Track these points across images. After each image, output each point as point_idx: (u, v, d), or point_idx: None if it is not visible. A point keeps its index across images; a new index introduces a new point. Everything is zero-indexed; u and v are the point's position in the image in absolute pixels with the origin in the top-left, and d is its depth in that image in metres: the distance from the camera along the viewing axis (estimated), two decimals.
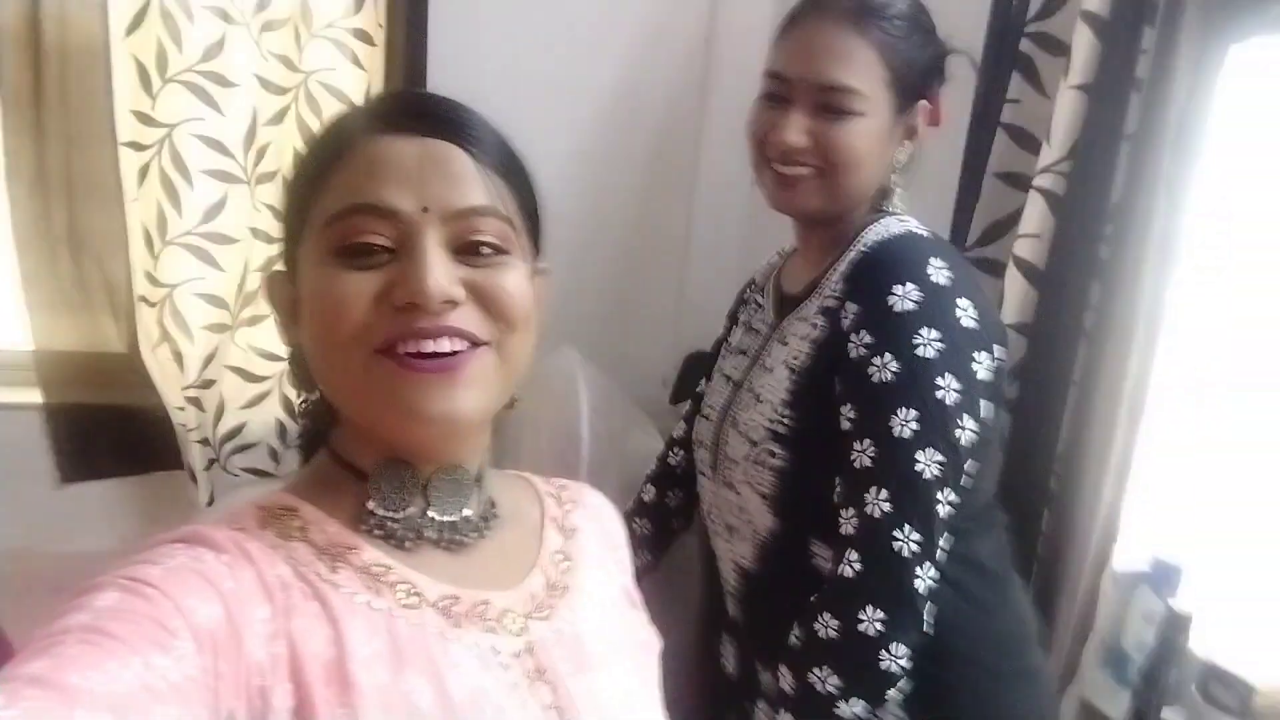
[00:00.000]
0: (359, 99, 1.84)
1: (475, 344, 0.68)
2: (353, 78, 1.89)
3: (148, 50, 1.78)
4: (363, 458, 0.73)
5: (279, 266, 0.75)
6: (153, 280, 1.84)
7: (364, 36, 1.89)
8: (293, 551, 0.68)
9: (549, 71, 2.02)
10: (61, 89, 1.82)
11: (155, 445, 1.91)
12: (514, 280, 0.70)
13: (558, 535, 0.83)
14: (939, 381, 1.08)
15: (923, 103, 1.23)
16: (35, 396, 1.88)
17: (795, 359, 1.22)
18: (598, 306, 2.12)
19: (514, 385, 0.73)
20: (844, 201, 1.23)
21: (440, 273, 0.66)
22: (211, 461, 1.95)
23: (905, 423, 1.07)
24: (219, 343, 1.90)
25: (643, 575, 0.99)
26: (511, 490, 0.84)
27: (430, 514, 0.73)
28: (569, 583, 0.79)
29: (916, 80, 1.21)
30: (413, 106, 0.72)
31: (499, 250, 0.69)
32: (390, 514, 0.72)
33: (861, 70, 1.17)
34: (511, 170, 0.73)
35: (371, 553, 0.70)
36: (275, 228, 1.84)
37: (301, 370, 0.75)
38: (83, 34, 1.80)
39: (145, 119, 1.79)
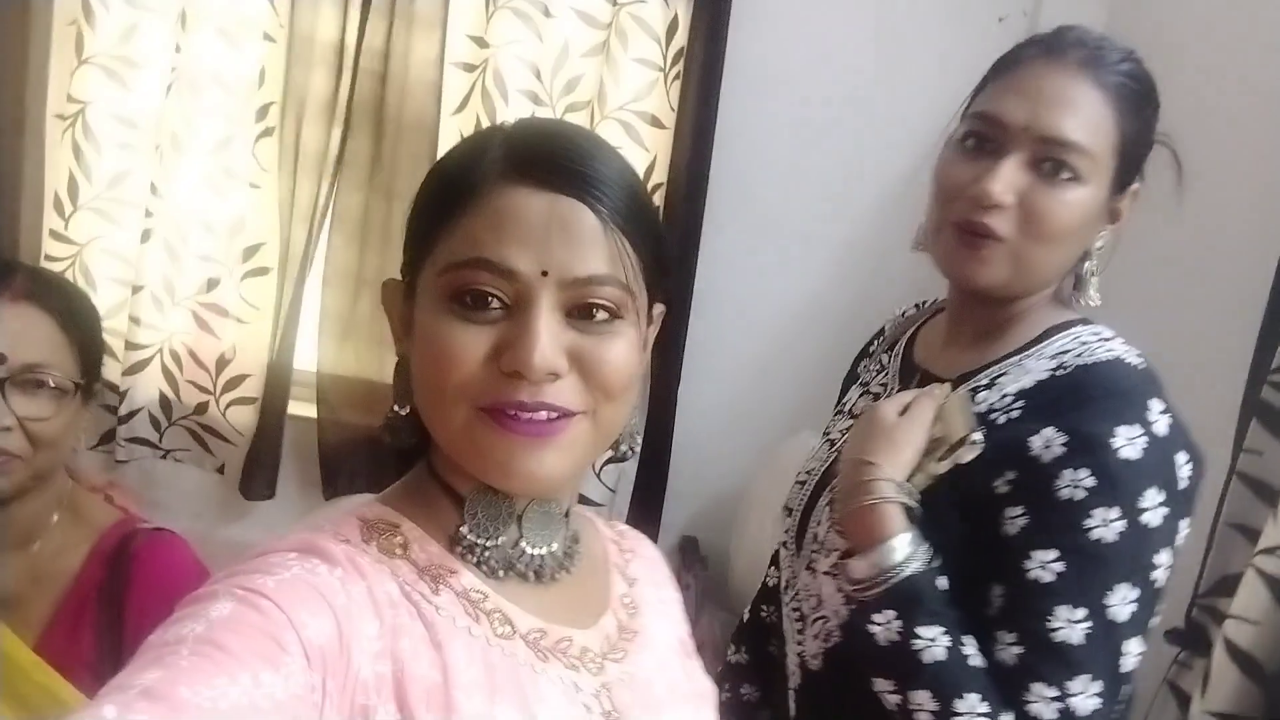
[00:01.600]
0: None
1: (568, 415, 0.69)
2: (636, 158, 2.06)
3: (469, 126, 2.06)
4: (460, 482, 0.74)
5: (396, 276, 0.76)
6: None
7: (654, 120, 2.08)
8: (397, 569, 0.69)
9: (831, 159, 2.09)
10: (394, 154, 2.10)
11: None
12: (619, 351, 0.70)
13: (622, 581, 0.85)
14: (1157, 560, 0.94)
15: (1137, 185, 1.06)
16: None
17: None
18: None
19: (610, 442, 0.75)
20: (1032, 280, 1.05)
21: (548, 347, 0.66)
22: None
23: (1125, 603, 0.93)
24: None
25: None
26: (585, 529, 0.84)
27: (522, 545, 0.75)
28: (636, 627, 0.81)
29: (1141, 155, 1.05)
30: (545, 155, 0.70)
31: (613, 316, 0.69)
32: (484, 541, 0.73)
33: (1095, 128, 1.00)
34: (638, 224, 0.71)
35: (469, 578, 0.72)
36: None
37: (402, 384, 0.75)
38: (418, 111, 2.09)
39: None
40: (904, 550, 0.96)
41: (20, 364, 1.07)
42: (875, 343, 1.30)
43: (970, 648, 0.95)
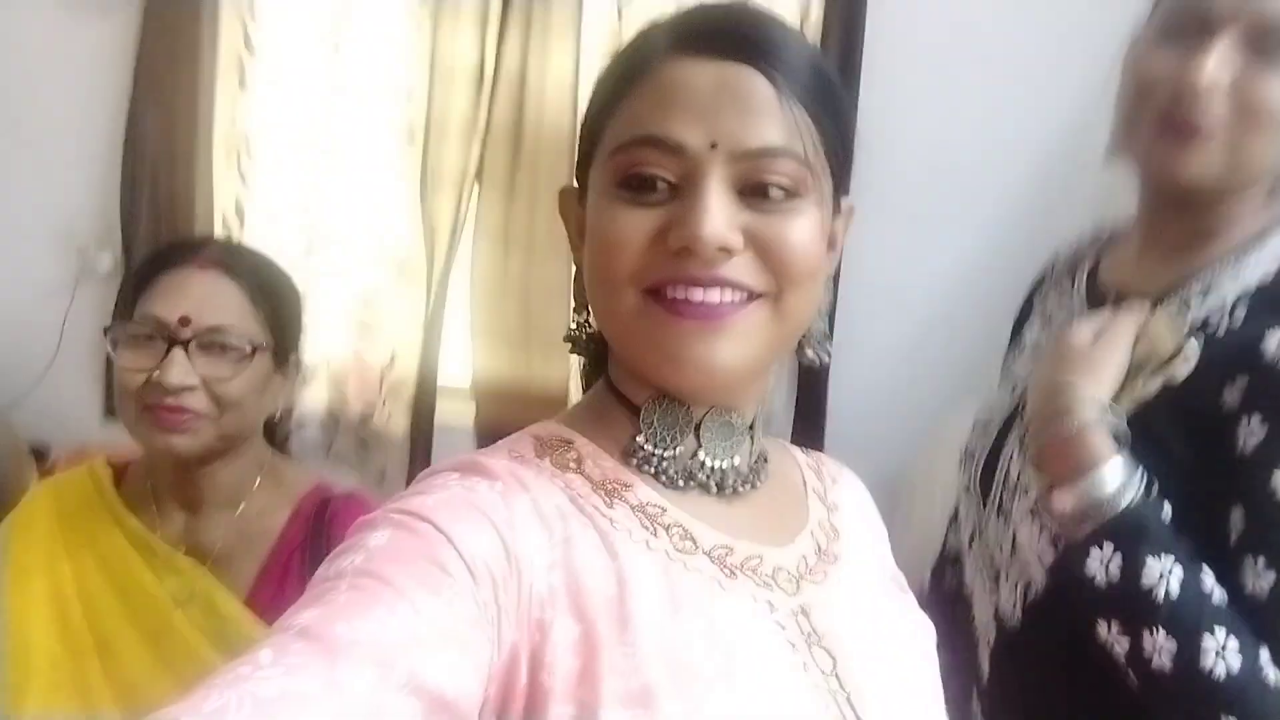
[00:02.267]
0: None
1: (750, 296, 0.63)
2: None
3: None
4: (637, 392, 0.70)
5: (573, 184, 0.73)
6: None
7: None
8: (569, 483, 0.66)
9: (978, 130, 2.04)
10: (533, 164, 2.14)
11: None
12: (801, 230, 0.64)
13: (821, 506, 0.77)
14: None
15: None
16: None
17: None
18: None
19: (794, 339, 0.69)
20: (1248, 175, 0.95)
21: (719, 219, 0.61)
22: None
23: None
24: None
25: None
26: (776, 451, 0.78)
27: (701, 456, 0.69)
28: (838, 552, 0.73)
29: None
30: (714, 24, 0.65)
31: (790, 194, 0.63)
32: (660, 451, 0.68)
33: None
34: (820, 99, 0.65)
35: (646, 491, 0.67)
36: None
37: (579, 290, 0.73)
38: (555, 121, 2.13)
39: None
40: (1116, 477, 0.86)
41: (204, 326, 1.11)
42: (1049, 274, 1.19)
43: (1209, 579, 0.85)
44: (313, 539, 1.17)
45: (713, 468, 0.69)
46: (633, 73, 0.65)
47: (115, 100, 2.22)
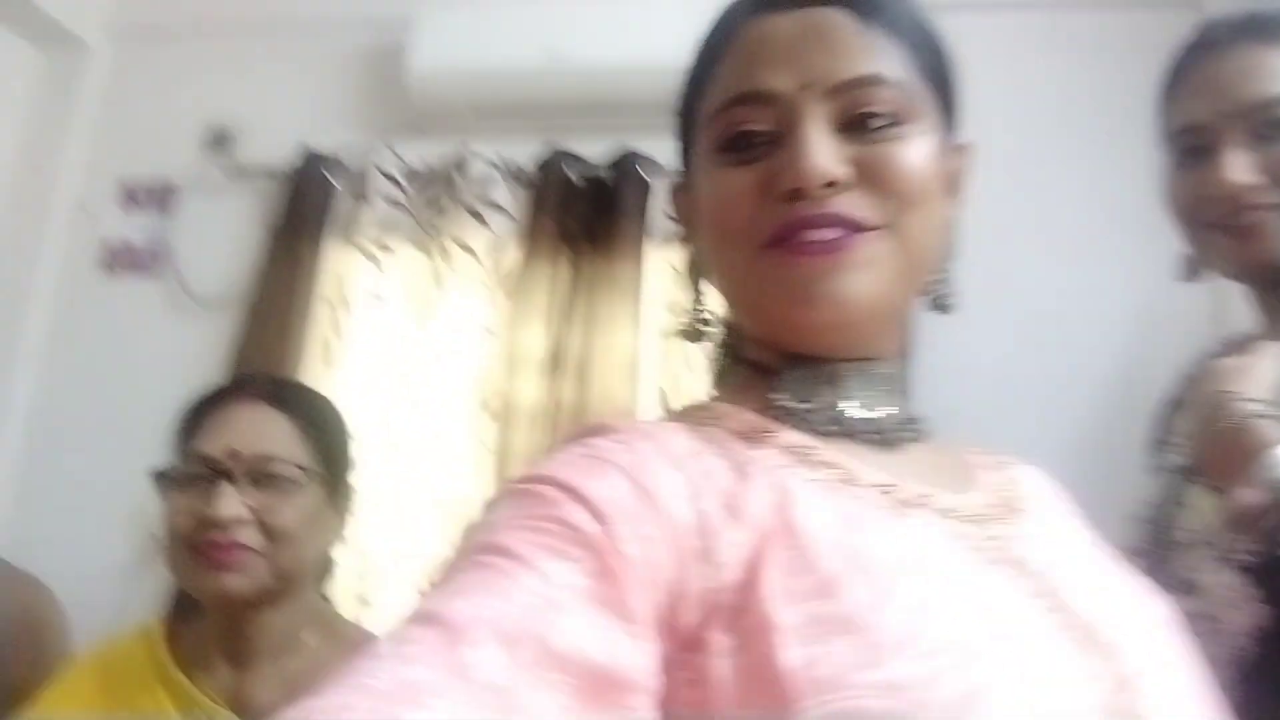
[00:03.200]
0: None
1: (862, 229, 0.61)
2: None
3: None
4: (769, 356, 0.67)
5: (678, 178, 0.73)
6: None
7: None
8: (706, 434, 0.61)
9: (1041, 367, 2.04)
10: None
11: None
12: (911, 152, 0.62)
13: (993, 473, 0.70)
14: None
15: None
16: None
17: None
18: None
19: (921, 275, 0.66)
20: None
21: (821, 153, 0.59)
22: None
23: None
24: None
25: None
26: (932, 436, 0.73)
27: (843, 406, 0.65)
28: (1020, 505, 0.66)
29: None
30: None
31: (894, 121, 0.62)
32: (801, 405, 0.64)
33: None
34: (913, 29, 0.65)
35: (792, 435, 0.62)
36: None
37: (693, 276, 0.72)
38: (616, 405, 2.22)
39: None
40: None
41: (252, 456, 1.10)
42: (1183, 394, 1.14)
43: None
44: None
45: (861, 418, 0.65)
46: (717, 44, 0.66)
47: None
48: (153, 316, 2.46)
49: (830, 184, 0.60)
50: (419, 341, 2.32)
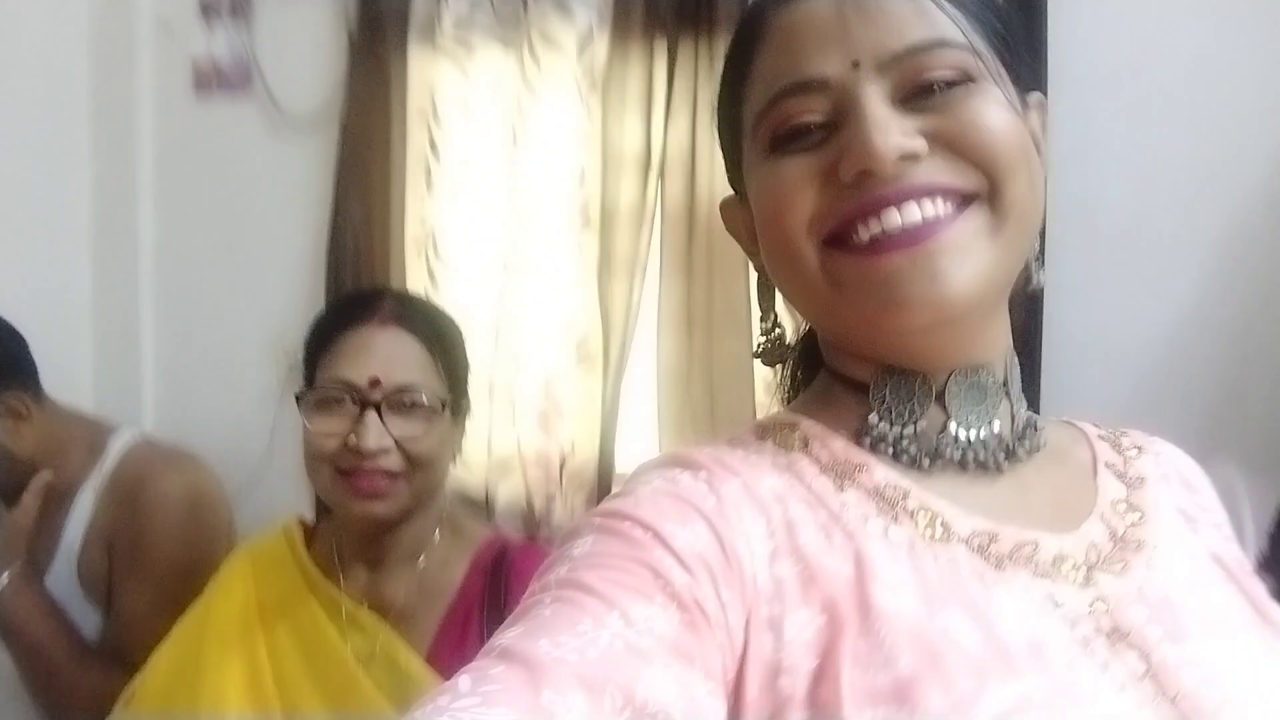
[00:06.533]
0: None
1: (959, 202, 0.54)
2: None
3: None
4: (860, 368, 0.61)
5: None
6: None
7: None
8: (793, 464, 0.58)
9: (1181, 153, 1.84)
10: (707, 244, 2.10)
11: None
12: (987, 110, 0.55)
13: (1118, 483, 0.64)
14: None
15: None
16: None
17: None
18: (1257, 410, 1.76)
19: (1025, 248, 0.58)
20: None
21: (887, 126, 0.53)
22: None
23: None
24: None
25: None
26: (1055, 426, 0.67)
27: (950, 427, 0.59)
28: (1142, 536, 0.60)
29: None
30: None
31: (961, 80, 0.55)
32: (897, 429, 0.59)
33: None
34: None
35: (884, 472, 0.58)
36: None
37: (762, 293, 0.67)
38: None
39: None
40: None
41: (394, 386, 1.12)
42: None
43: None
44: (491, 590, 1.18)
45: (966, 440, 0.59)
46: (751, 39, 0.61)
47: (319, 212, 2.36)
48: (251, 137, 2.43)
49: (906, 157, 0.54)
50: (513, 152, 2.20)
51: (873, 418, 0.60)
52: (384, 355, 1.14)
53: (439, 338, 1.20)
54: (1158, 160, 1.85)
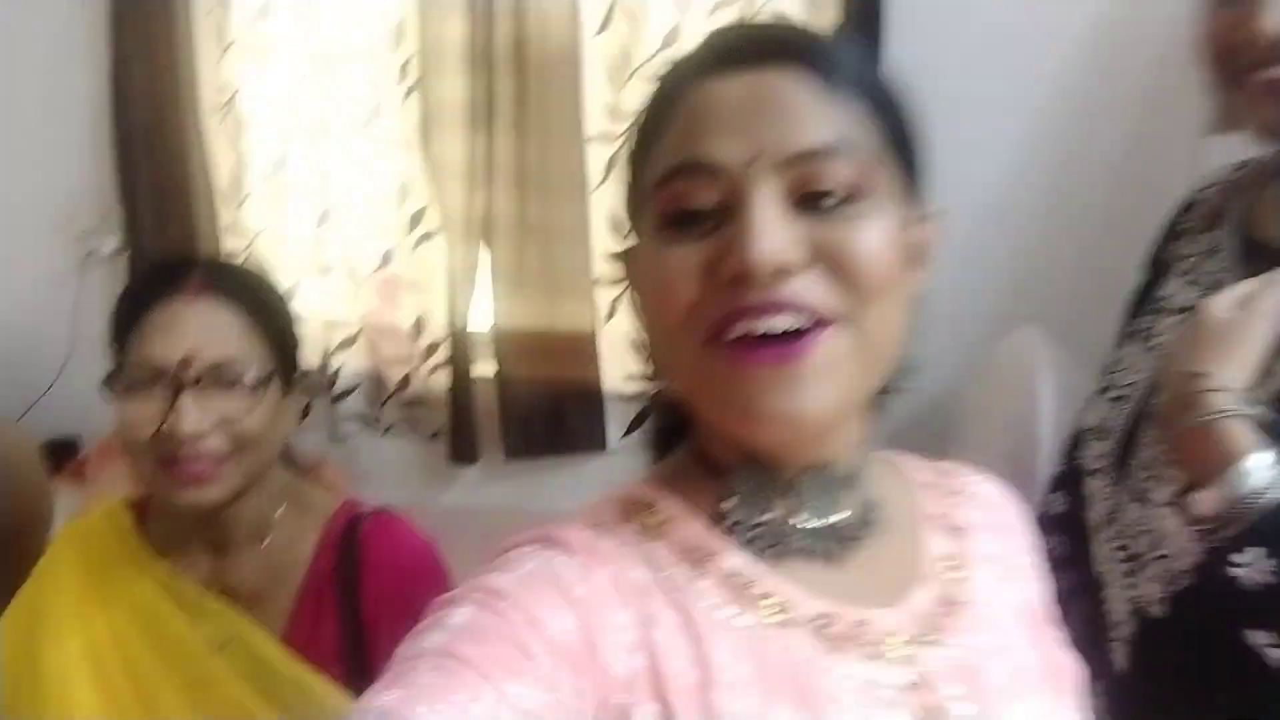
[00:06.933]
0: None
1: (821, 322, 0.56)
2: None
3: (614, 47, 1.93)
4: (723, 454, 0.64)
5: (627, 243, 0.67)
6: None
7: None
8: (652, 552, 0.61)
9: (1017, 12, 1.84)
10: (541, 93, 1.98)
11: (588, 427, 2.05)
12: (870, 235, 0.56)
13: (942, 536, 0.68)
14: None
15: None
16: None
17: None
18: (1066, 279, 1.84)
19: (883, 370, 0.61)
20: None
21: (771, 234, 0.54)
22: None
23: None
24: None
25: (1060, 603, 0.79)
26: (887, 476, 0.70)
27: (799, 519, 0.62)
28: (963, 596, 0.65)
29: None
30: (742, 36, 0.62)
31: (852, 197, 0.56)
32: (750, 518, 0.62)
33: None
34: (873, 91, 0.60)
35: (736, 559, 0.61)
36: None
37: (649, 349, 0.67)
38: (559, 43, 1.95)
39: (615, 112, 1.91)
40: (1261, 473, 0.79)
41: (209, 363, 1.04)
42: (1184, 219, 1.08)
43: None
44: (342, 565, 1.12)
45: (811, 530, 0.62)
46: (662, 107, 0.61)
47: (98, 76, 2.10)
48: None
49: (781, 269, 0.55)
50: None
51: (726, 505, 0.62)
52: (197, 330, 1.04)
53: (260, 305, 1.10)
54: (986, 30, 1.85)
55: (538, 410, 2.07)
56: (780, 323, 0.55)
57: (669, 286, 0.57)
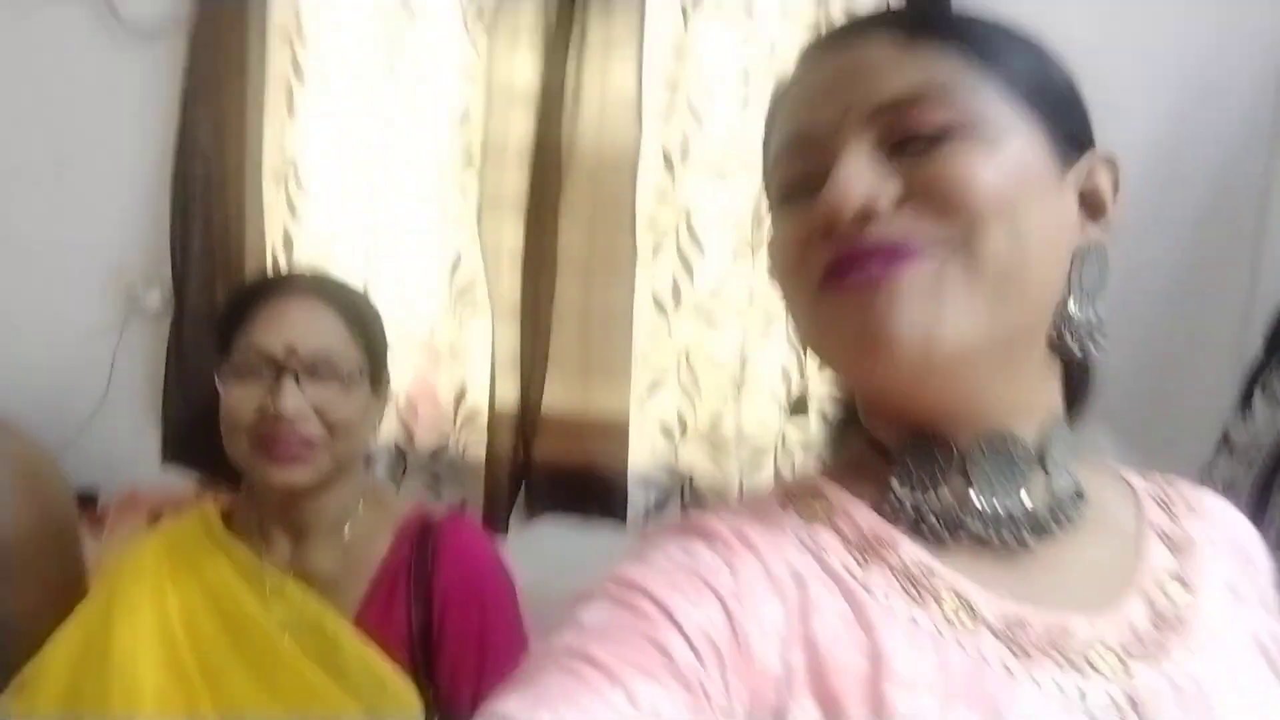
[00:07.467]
0: None
1: (905, 255, 0.54)
2: None
3: (674, 140, 2.03)
4: (887, 431, 0.61)
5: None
6: None
7: None
8: (816, 536, 0.57)
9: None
10: (592, 184, 2.04)
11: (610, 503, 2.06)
12: (969, 161, 0.54)
13: (1166, 552, 0.62)
14: None
15: None
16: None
17: None
18: (1137, 385, 1.89)
19: (1019, 309, 0.56)
20: None
21: (849, 178, 0.54)
22: None
23: None
24: None
25: None
26: (1098, 479, 0.64)
27: (969, 500, 0.57)
28: (1186, 616, 0.59)
29: None
30: (833, 34, 0.63)
31: (944, 134, 0.55)
32: (917, 496, 0.58)
33: None
34: (977, 40, 0.58)
35: (910, 549, 0.57)
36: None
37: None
38: (615, 144, 2.02)
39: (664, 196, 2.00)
40: None
41: (310, 352, 1.14)
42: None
43: None
44: (417, 562, 1.18)
45: (989, 512, 0.57)
46: (777, 101, 0.65)
47: (162, 133, 2.16)
48: (82, 46, 2.19)
49: (865, 211, 0.54)
50: (388, 80, 2.08)
51: (894, 481, 0.59)
52: (300, 324, 1.16)
53: (356, 311, 1.22)
54: None
55: (562, 485, 2.08)
56: (872, 267, 0.54)
57: (784, 251, 0.59)
